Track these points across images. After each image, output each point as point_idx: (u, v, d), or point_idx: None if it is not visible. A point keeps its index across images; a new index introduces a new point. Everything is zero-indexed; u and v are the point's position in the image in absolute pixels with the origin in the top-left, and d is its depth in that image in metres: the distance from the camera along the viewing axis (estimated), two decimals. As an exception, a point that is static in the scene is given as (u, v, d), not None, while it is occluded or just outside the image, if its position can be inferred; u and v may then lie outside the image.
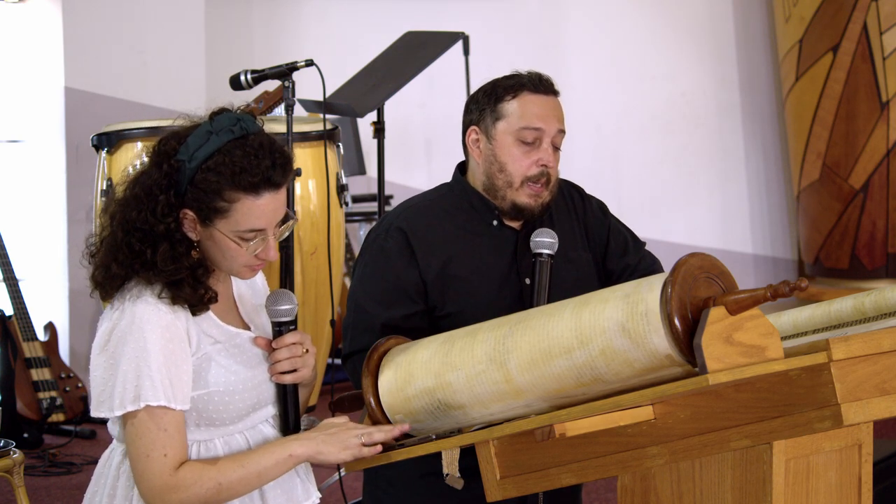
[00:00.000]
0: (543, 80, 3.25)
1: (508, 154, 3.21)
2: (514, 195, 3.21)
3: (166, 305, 2.55)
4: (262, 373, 2.66)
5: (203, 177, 2.54)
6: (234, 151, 2.54)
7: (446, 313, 3.15)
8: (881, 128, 7.47)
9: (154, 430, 2.52)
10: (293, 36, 7.42)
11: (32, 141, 6.71)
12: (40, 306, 6.36)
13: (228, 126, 2.57)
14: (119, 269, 2.58)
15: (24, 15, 6.64)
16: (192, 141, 2.56)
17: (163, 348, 2.52)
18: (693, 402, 2.43)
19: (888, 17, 7.40)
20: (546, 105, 3.21)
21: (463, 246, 3.22)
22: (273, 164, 2.55)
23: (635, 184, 8.05)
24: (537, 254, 3.14)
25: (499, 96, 3.22)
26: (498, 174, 3.21)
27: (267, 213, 2.57)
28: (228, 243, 2.57)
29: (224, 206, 2.54)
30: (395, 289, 3.18)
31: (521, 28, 7.76)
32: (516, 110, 3.20)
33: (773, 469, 2.39)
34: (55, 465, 5.55)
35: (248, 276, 2.66)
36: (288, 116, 4.65)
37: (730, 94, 8.18)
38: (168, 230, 2.56)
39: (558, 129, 3.21)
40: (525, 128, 3.19)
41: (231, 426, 2.62)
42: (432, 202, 3.29)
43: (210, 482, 2.54)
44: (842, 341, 2.30)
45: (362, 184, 7.25)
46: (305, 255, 4.97)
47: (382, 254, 3.22)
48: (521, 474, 2.62)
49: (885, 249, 7.59)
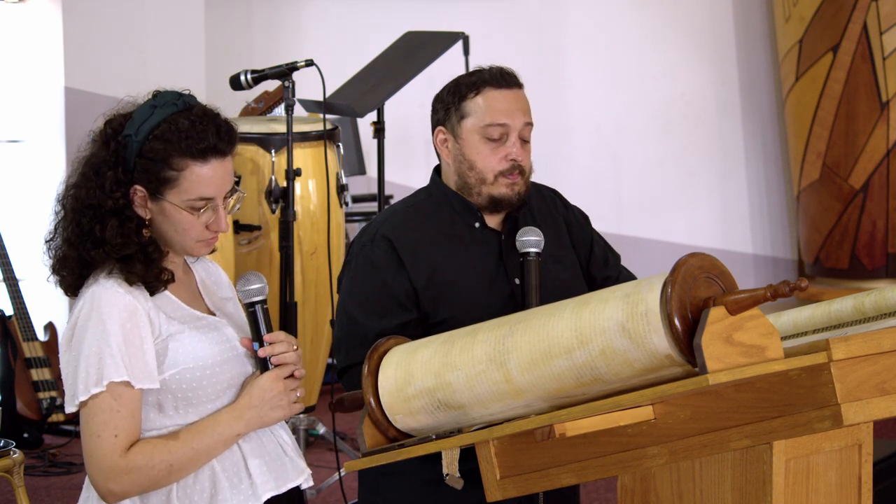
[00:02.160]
0: (505, 73, 3.22)
1: (476, 152, 3.18)
2: (489, 189, 3.18)
3: (123, 287, 2.56)
4: (233, 348, 2.66)
5: (150, 146, 2.57)
6: (180, 121, 2.59)
7: (440, 320, 3.12)
8: (881, 128, 7.47)
9: (108, 410, 2.52)
10: (293, 36, 7.42)
11: (32, 141, 6.70)
12: (40, 306, 6.35)
13: (172, 100, 2.62)
14: (71, 251, 2.61)
15: (24, 15, 6.63)
16: (136, 116, 2.61)
17: (122, 327, 2.54)
18: (693, 402, 2.43)
19: (888, 17, 7.39)
20: (510, 99, 3.19)
21: (449, 251, 3.20)
22: (218, 131, 2.60)
23: (635, 184, 8.04)
24: (525, 253, 3.13)
25: (462, 94, 3.20)
26: (469, 172, 3.20)
27: (215, 179, 2.60)
28: (179, 215, 2.60)
29: (173, 174, 2.57)
30: (386, 297, 3.15)
31: (521, 28, 7.76)
32: (480, 107, 3.18)
33: (773, 469, 2.39)
34: (55, 465, 5.55)
35: (201, 252, 2.68)
36: (288, 116, 4.65)
37: (730, 94, 8.18)
38: (117, 206, 2.58)
39: (524, 123, 3.19)
40: (490, 124, 3.17)
41: (210, 405, 2.62)
42: (413, 208, 3.27)
43: (161, 464, 2.55)
44: (842, 341, 2.30)
45: (362, 184, 7.25)
46: (305, 255, 4.98)
47: (370, 263, 3.19)
48: (521, 474, 2.62)
49: (885, 249, 7.59)
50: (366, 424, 2.70)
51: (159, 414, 2.61)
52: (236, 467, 2.64)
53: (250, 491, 2.64)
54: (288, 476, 2.71)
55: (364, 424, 2.70)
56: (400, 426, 2.69)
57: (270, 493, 2.66)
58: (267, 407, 2.63)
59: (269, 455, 2.69)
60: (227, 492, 2.62)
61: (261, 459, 2.66)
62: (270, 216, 4.93)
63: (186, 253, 2.69)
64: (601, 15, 7.95)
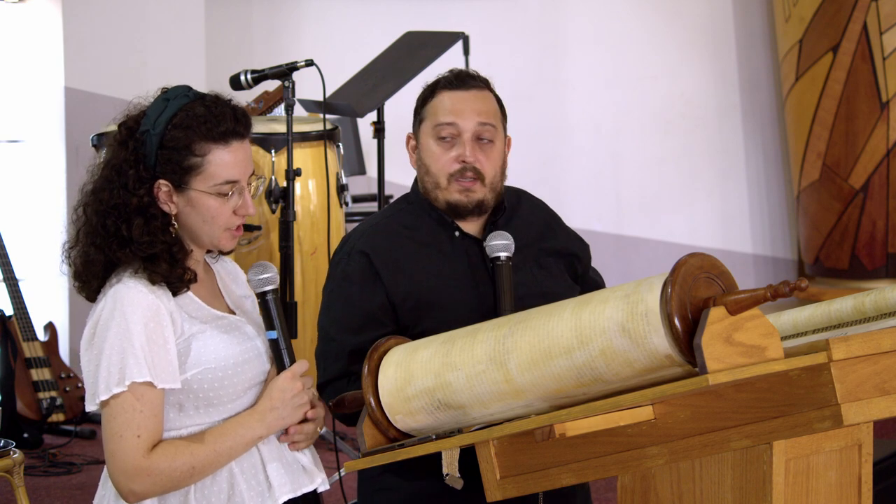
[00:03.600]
0: (462, 74, 3.21)
1: (430, 154, 3.17)
2: (444, 194, 3.15)
3: (146, 287, 2.56)
4: (254, 348, 2.66)
5: (171, 135, 2.58)
6: (196, 108, 2.60)
7: (421, 331, 3.03)
8: (881, 128, 7.47)
9: (131, 410, 2.52)
10: (293, 36, 7.42)
11: (32, 141, 6.70)
12: (40, 306, 6.35)
13: (183, 92, 2.64)
14: (97, 254, 2.61)
15: (24, 15, 6.63)
16: (150, 111, 2.63)
17: (145, 327, 2.53)
18: (693, 402, 2.43)
19: (888, 17, 7.39)
20: (460, 99, 3.16)
21: (428, 261, 3.16)
22: (234, 114, 2.62)
23: (635, 184, 8.04)
24: (494, 258, 3.09)
25: (423, 99, 3.21)
26: (426, 177, 3.18)
27: (239, 162, 2.62)
28: (207, 201, 2.60)
29: (197, 161, 2.58)
30: (361, 314, 3.11)
31: (521, 28, 7.75)
32: (431, 109, 3.18)
33: (773, 469, 2.39)
34: (55, 465, 5.54)
35: (229, 245, 2.67)
36: (288, 116, 4.65)
37: (730, 94, 8.18)
38: (141, 203, 2.59)
39: (479, 122, 3.14)
40: (438, 124, 3.15)
41: (231, 405, 2.63)
42: (392, 219, 3.24)
43: (184, 466, 2.55)
44: (842, 341, 2.30)
45: (362, 184, 7.25)
46: (305, 255, 4.97)
47: (345, 279, 3.15)
48: (521, 474, 2.62)
49: (885, 249, 7.59)
50: (366, 424, 2.70)
51: (180, 414, 2.61)
52: (254, 469, 2.64)
53: (267, 493, 2.64)
54: (304, 480, 2.71)
55: (364, 424, 2.70)
56: (400, 426, 2.69)
57: (287, 495, 2.67)
58: (289, 408, 2.64)
59: (287, 458, 2.69)
60: (245, 493, 2.62)
61: (279, 462, 2.66)
62: (270, 216, 4.93)
63: (214, 245, 2.67)
64: (601, 15, 7.95)
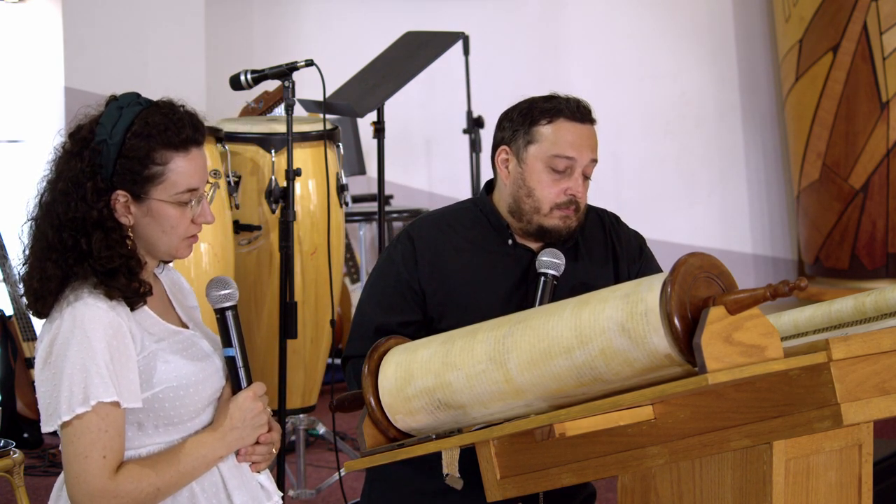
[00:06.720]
0: (581, 107, 3.18)
1: (538, 180, 3.15)
2: (541, 219, 3.16)
3: (105, 304, 2.51)
4: (210, 365, 2.63)
5: (130, 144, 2.53)
6: (153, 116, 2.55)
7: (444, 327, 3.06)
8: (881, 128, 7.47)
9: (96, 430, 2.46)
10: (293, 36, 7.42)
11: (32, 141, 6.70)
12: (40, 306, 6.34)
13: (134, 100, 2.58)
14: (54, 269, 2.55)
15: (24, 15, 6.63)
16: (105, 120, 2.56)
17: (108, 345, 2.48)
18: (693, 401, 2.43)
19: (888, 17, 7.40)
20: (581, 134, 3.15)
21: (470, 260, 3.20)
22: (192, 121, 2.58)
23: (635, 184, 8.04)
24: (541, 273, 3.10)
25: (534, 119, 3.16)
26: (525, 198, 3.17)
27: (199, 168, 2.58)
28: (168, 211, 2.56)
29: (157, 170, 2.54)
30: (394, 293, 3.18)
31: (521, 28, 7.75)
32: (550, 136, 3.14)
33: (773, 469, 2.39)
34: (55, 465, 5.54)
35: (186, 253, 2.62)
36: (288, 116, 4.65)
37: (730, 94, 8.18)
38: (101, 216, 2.53)
39: (591, 159, 3.15)
40: (557, 156, 3.13)
41: (190, 423, 2.59)
42: (450, 214, 3.29)
43: (149, 487, 2.51)
44: (842, 341, 2.30)
45: (362, 184, 7.25)
46: (305, 255, 4.97)
47: (389, 258, 3.24)
48: (521, 474, 2.62)
49: (885, 249, 7.59)
50: (366, 424, 2.70)
51: (139, 433, 2.56)
52: (215, 488, 2.60)
53: None
54: (262, 497, 2.68)
55: (364, 424, 2.70)
56: (400, 426, 2.69)
57: None
58: (248, 428, 2.60)
59: (246, 475, 2.66)
60: None
61: (239, 481, 2.63)
62: (270, 216, 4.93)
63: (171, 255, 2.63)
64: (601, 15, 7.95)
